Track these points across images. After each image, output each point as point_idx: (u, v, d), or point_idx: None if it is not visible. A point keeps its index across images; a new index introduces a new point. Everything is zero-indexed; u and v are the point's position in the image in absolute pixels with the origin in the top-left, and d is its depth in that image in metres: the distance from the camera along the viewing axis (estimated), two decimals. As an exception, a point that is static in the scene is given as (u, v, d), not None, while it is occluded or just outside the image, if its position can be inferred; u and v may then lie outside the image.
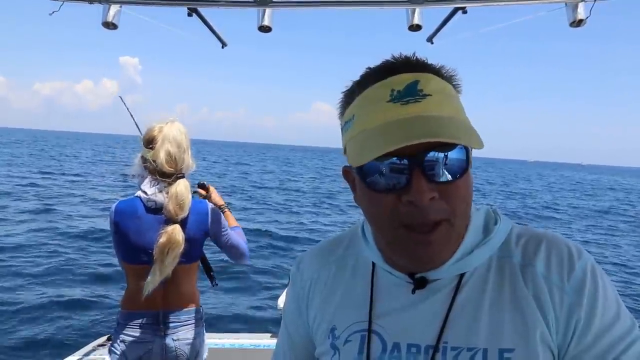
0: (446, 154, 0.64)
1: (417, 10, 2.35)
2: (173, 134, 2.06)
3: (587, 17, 1.99)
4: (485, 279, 0.72)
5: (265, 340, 3.35)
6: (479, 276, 0.72)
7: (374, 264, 0.81)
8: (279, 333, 0.97)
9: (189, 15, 2.19)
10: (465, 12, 2.19)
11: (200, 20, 2.27)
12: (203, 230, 2.13)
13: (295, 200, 22.08)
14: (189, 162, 2.13)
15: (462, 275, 0.73)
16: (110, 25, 2.23)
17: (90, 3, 2.19)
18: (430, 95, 0.65)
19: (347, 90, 0.74)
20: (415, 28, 2.39)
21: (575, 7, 2.04)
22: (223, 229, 2.18)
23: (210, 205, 2.19)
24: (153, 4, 2.23)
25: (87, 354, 3.09)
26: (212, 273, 2.40)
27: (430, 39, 2.54)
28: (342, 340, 0.78)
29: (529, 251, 0.72)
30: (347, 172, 0.80)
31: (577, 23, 2.04)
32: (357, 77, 0.74)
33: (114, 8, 2.21)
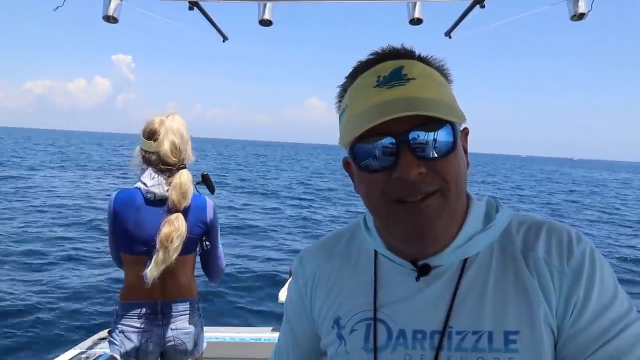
0: (433, 132, 0.67)
1: (418, 3, 2.35)
2: (176, 126, 2.11)
3: (588, 11, 1.98)
4: (488, 265, 0.74)
5: (266, 334, 3.37)
6: (482, 262, 0.74)
7: (376, 253, 0.82)
8: (280, 328, 0.98)
9: (190, 9, 2.18)
10: (483, 6, 2.17)
11: (201, 14, 2.26)
12: (202, 223, 2.16)
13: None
14: (190, 153, 2.17)
15: (464, 261, 0.74)
16: (111, 19, 2.22)
17: (91, -4, 2.18)
18: (414, 78, 0.69)
19: (341, 85, 0.79)
20: (416, 22, 2.39)
21: (576, 0, 2.03)
22: (217, 227, 2.23)
23: (208, 200, 2.22)
24: (154, -3, 2.23)
25: (89, 347, 3.11)
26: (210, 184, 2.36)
27: (448, 34, 2.54)
28: (347, 330, 0.79)
29: (530, 237, 0.74)
30: (347, 163, 0.82)
31: (578, 17, 2.02)
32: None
33: (114, 2, 2.21)
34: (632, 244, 13.77)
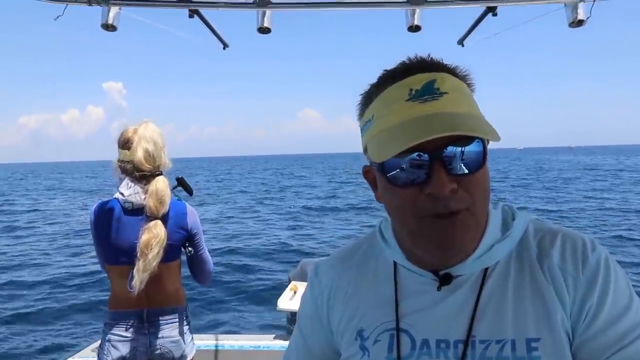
0: (464, 148, 0.67)
1: (417, 11, 2.36)
2: (149, 134, 2.10)
3: (587, 18, 1.99)
4: (506, 272, 0.74)
5: (266, 342, 3.34)
6: (501, 270, 0.75)
7: (395, 264, 0.82)
8: (291, 338, 0.96)
9: (190, 16, 2.19)
10: (495, 14, 2.19)
11: (202, 22, 2.27)
12: (182, 229, 2.15)
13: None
14: (166, 160, 2.15)
15: (485, 271, 0.75)
16: (109, 27, 2.22)
17: (90, 5, 2.18)
18: (447, 93, 0.68)
19: (365, 92, 0.78)
20: (414, 29, 2.40)
21: (575, 7, 2.05)
22: (200, 233, 2.22)
23: (189, 206, 2.21)
24: (153, 5, 2.23)
25: (87, 356, 3.08)
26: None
27: (461, 42, 2.57)
28: (371, 341, 0.78)
29: (546, 244, 0.75)
30: (367, 172, 0.81)
31: (577, 23, 2.04)
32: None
33: (113, 10, 2.21)
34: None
